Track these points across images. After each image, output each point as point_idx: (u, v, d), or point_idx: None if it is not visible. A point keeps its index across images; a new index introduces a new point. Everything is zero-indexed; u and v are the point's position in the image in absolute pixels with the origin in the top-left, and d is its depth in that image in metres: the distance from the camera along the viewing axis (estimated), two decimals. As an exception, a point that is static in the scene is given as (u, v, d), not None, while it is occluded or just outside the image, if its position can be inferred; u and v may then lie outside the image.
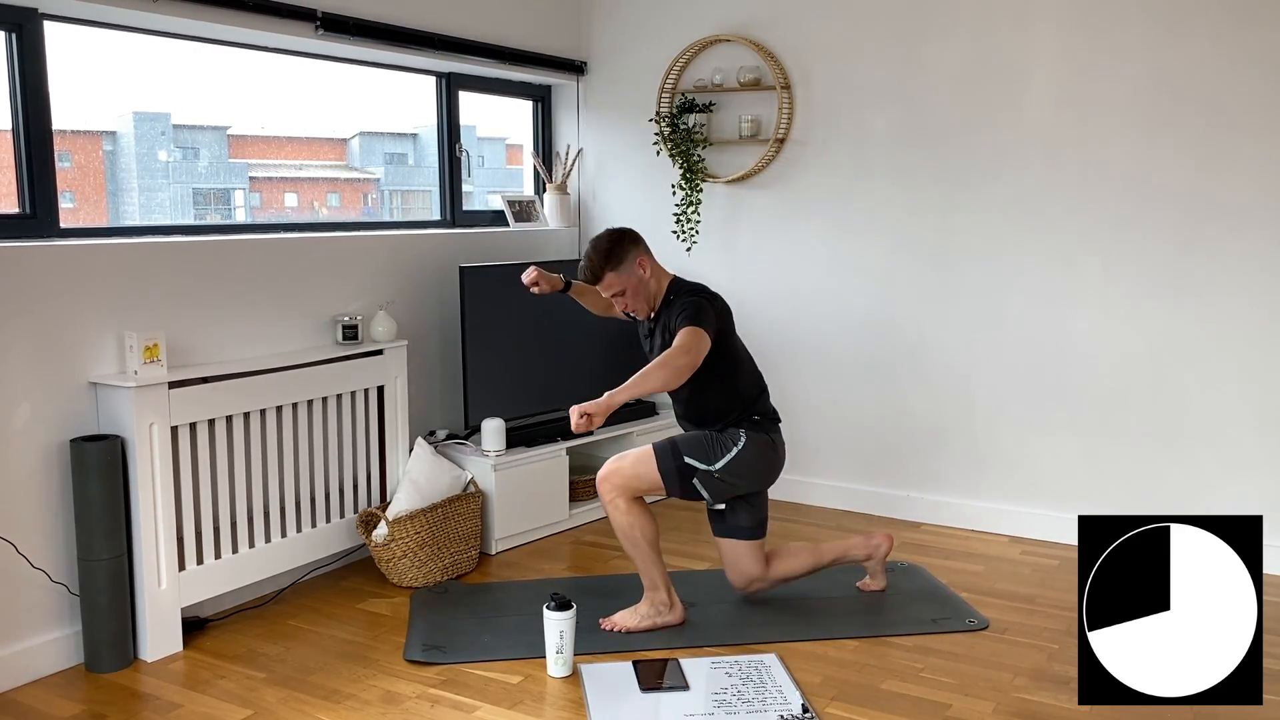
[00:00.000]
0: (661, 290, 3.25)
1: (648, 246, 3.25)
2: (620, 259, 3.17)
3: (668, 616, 3.23)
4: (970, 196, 4.14)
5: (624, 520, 3.16)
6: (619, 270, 3.17)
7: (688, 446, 3.20)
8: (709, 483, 3.20)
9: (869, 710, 2.76)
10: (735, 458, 3.19)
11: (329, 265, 3.78)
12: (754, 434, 3.23)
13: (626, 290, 3.20)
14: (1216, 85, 3.67)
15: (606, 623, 3.23)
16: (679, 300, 3.18)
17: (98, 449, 2.95)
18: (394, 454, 3.87)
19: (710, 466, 3.19)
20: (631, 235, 3.22)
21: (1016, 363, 4.12)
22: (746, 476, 3.24)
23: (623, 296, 3.22)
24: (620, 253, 3.17)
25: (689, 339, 3.03)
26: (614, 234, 3.21)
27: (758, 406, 3.30)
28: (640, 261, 3.19)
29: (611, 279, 3.18)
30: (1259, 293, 3.67)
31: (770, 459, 3.28)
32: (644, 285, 3.21)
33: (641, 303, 3.23)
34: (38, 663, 2.97)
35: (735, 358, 3.26)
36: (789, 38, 4.45)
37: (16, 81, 3.03)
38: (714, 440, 3.21)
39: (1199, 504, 3.81)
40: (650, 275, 3.22)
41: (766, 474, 3.30)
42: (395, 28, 3.96)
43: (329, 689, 2.90)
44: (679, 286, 3.25)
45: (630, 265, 3.18)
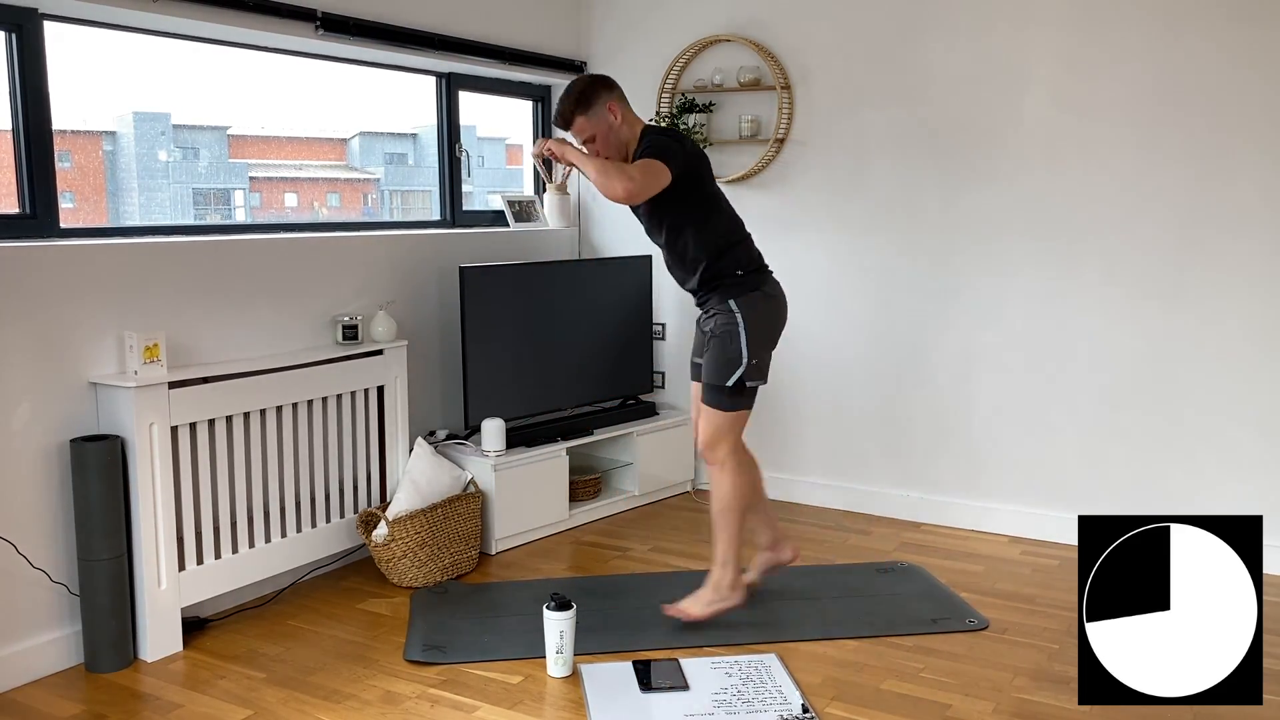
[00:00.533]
0: (635, 138, 3.18)
1: (623, 94, 3.19)
2: (589, 103, 3.12)
3: (732, 599, 3.23)
4: (970, 196, 4.14)
5: (734, 482, 3.16)
6: (588, 114, 3.12)
7: (717, 372, 3.15)
8: (753, 373, 3.16)
9: (869, 710, 2.76)
10: (748, 335, 3.14)
11: (329, 265, 3.78)
12: (741, 298, 3.16)
13: (597, 136, 3.14)
14: (1216, 86, 3.67)
15: (672, 610, 3.23)
16: (645, 140, 3.12)
17: (98, 449, 2.95)
18: (394, 454, 3.87)
19: (742, 366, 3.13)
20: (605, 80, 3.17)
21: (1016, 362, 4.12)
22: (766, 336, 3.20)
23: (593, 142, 3.16)
24: (590, 96, 3.12)
25: (640, 165, 2.99)
26: (587, 78, 3.17)
27: (738, 255, 3.20)
28: (610, 107, 3.14)
29: (581, 123, 3.13)
30: (1259, 293, 3.67)
31: (772, 310, 3.22)
32: (614, 131, 3.15)
33: (613, 150, 3.17)
34: (38, 663, 2.98)
35: (711, 200, 3.19)
36: (789, 38, 4.46)
37: (16, 81, 3.03)
38: (721, 345, 3.15)
39: (1199, 504, 3.81)
40: (621, 122, 3.15)
41: (776, 321, 3.25)
42: (395, 28, 3.96)
43: (329, 689, 2.90)
44: (651, 130, 3.18)
45: (600, 110, 3.12)
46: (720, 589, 3.23)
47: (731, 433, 3.20)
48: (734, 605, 3.25)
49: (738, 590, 3.24)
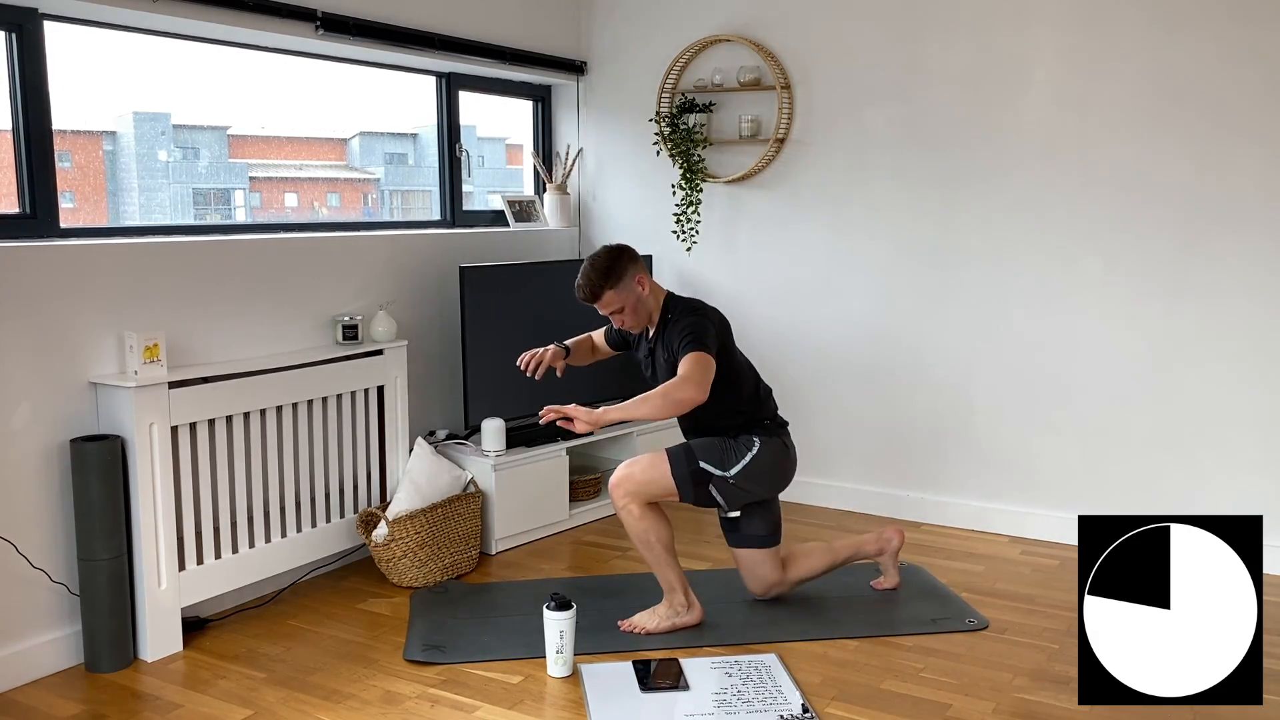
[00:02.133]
0: (658, 306, 3.24)
1: (643, 264, 3.24)
2: (620, 276, 3.15)
3: (686, 617, 3.23)
4: (970, 196, 4.14)
5: (638, 526, 3.15)
6: (618, 288, 3.16)
7: (703, 452, 3.19)
8: (724, 489, 3.19)
9: (869, 710, 2.76)
10: (750, 463, 3.19)
11: (329, 265, 3.78)
12: (767, 439, 3.23)
13: (625, 308, 3.19)
14: (1216, 85, 3.67)
15: (626, 624, 3.23)
16: (678, 320, 3.16)
17: (98, 449, 2.95)
18: (394, 454, 3.87)
19: (726, 472, 3.18)
20: (630, 253, 3.20)
21: (1017, 363, 4.12)
22: (761, 481, 3.23)
23: (620, 314, 3.20)
24: (619, 270, 3.15)
25: (694, 366, 3.01)
26: (612, 251, 3.19)
27: (764, 412, 3.29)
28: (639, 279, 3.18)
29: (610, 297, 3.16)
30: (1259, 293, 3.67)
31: (784, 463, 3.28)
32: (642, 303, 3.20)
33: (638, 319, 3.23)
34: (38, 663, 2.98)
35: (735, 370, 3.24)
36: (789, 38, 4.46)
37: (16, 81, 3.03)
38: (728, 445, 3.20)
39: (1199, 504, 3.81)
40: (648, 292, 3.20)
41: (780, 478, 3.29)
42: (395, 28, 3.96)
43: (329, 689, 2.90)
44: (675, 303, 3.23)
45: (629, 283, 3.17)
46: (674, 606, 3.24)
47: (648, 489, 3.15)
48: (690, 623, 3.24)
49: (694, 610, 3.25)
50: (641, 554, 3.22)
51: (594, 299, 3.18)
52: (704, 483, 3.18)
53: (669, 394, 2.99)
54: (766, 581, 3.37)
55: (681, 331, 3.11)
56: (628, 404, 3.02)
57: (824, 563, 3.44)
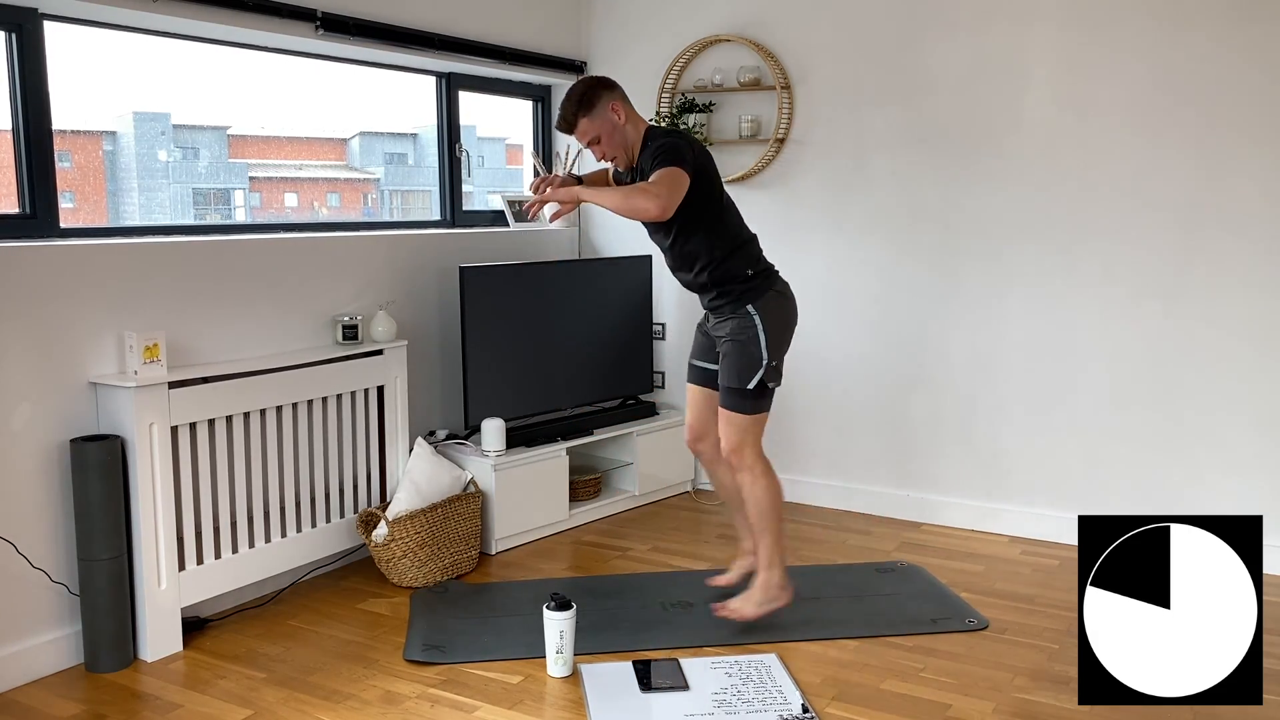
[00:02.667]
0: (639, 138, 3.16)
1: (624, 93, 3.17)
2: (592, 104, 3.09)
3: (783, 598, 3.24)
4: (970, 196, 4.14)
5: (769, 485, 3.16)
6: (591, 115, 3.10)
7: (738, 375, 3.14)
8: (772, 374, 3.16)
9: (869, 710, 2.76)
10: (767, 336, 3.14)
11: (329, 265, 3.78)
12: (759, 301, 3.16)
13: (601, 137, 3.12)
14: (1217, 84, 3.67)
15: (723, 610, 3.23)
16: (654, 143, 3.09)
17: (98, 449, 2.95)
18: (394, 454, 3.87)
19: (762, 368, 3.13)
20: (606, 81, 3.15)
21: (1016, 362, 4.12)
22: (782, 335, 3.19)
23: (599, 145, 3.14)
24: (593, 97, 3.10)
25: (660, 177, 2.95)
26: (588, 79, 3.14)
27: (747, 254, 3.20)
28: (614, 106, 3.12)
29: (585, 125, 3.10)
30: (1259, 292, 3.67)
31: (786, 307, 3.22)
32: (619, 131, 3.13)
33: (618, 149, 3.15)
34: (38, 663, 2.98)
35: (720, 201, 3.18)
36: (789, 38, 4.46)
37: (16, 81, 3.03)
38: (743, 343, 3.14)
39: (1199, 504, 3.81)
40: (625, 121, 3.13)
41: (790, 320, 3.24)
42: (395, 28, 3.96)
43: (329, 689, 2.90)
44: (654, 131, 3.16)
45: (603, 110, 3.10)
46: (770, 589, 3.23)
47: (756, 435, 3.19)
48: (783, 604, 3.24)
49: (786, 590, 3.24)
50: (758, 521, 3.18)
51: (569, 127, 3.12)
52: (763, 391, 3.15)
53: (630, 196, 2.94)
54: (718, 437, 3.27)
55: (655, 151, 3.04)
56: (604, 191, 2.99)
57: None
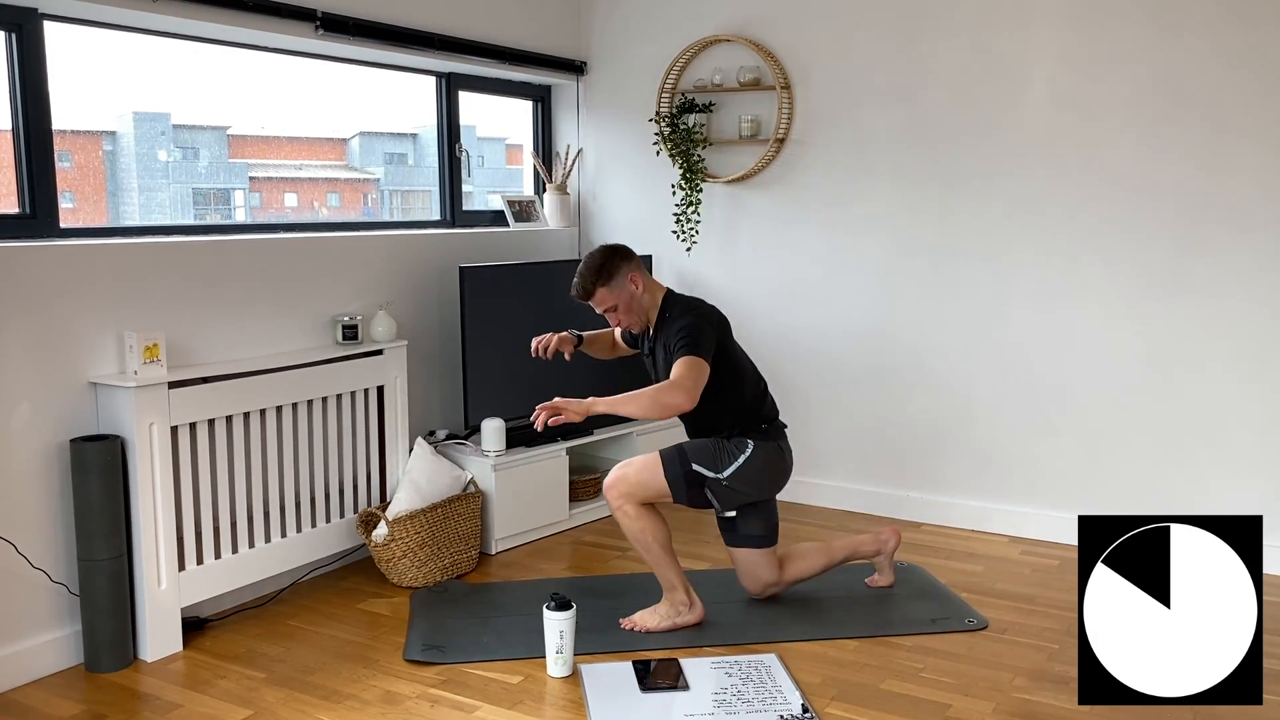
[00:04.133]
0: (656, 304, 3.23)
1: (640, 262, 3.24)
2: (611, 274, 3.16)
3: (688, 616, 3.23)
4: (970, 196, 4.14)
5: (634, 526, 3.16)
6: (610, 286, 3.16)
7: (695, 454, 3.19)
8: (718, 490, 3.20)
9: (869, 710, 2.76)
10: (743, 465, 3.19)
11: (329, 265, 3.78)
12: (761, 441, 3.23)
13: (619, 306, 3.19)
14: (1216, 85, 3.67)
15: (626, 622, 3.23)
16: (676, 319, 3.15)
17: (98, 449, 2.95)
18: (394, 454, 3.87)
19: (719, 474, 3.18)
20: (623, 251, 3.21)
21: (1017, 362, 4.12)
22: (755, 483, 3.23)
23: (615, 312, 3.20)
24: (611, 268, 3.16)
25: (686, 371, 3.01)
26: (606, 250, 3.20)
27: (763, 414, 3.29)
28: (632, 277, 3.18)
29: (604, 294, 3.17)
30: (1259, 292, 3.67)
31: (779, 465, 3.28)
32: (636, 300, 3.20)
33: (635, 318, 3.23)
34: (38, 663, 2.98)
35: (736, 369, 3.24)
36: (789, 38, 4.46)
37: (16, 81, 3.03)
38: (721, 447, 3.21)
39: (1199, 504, 3.81)
40: (643, 290, 3.20)
41: (775, 481, 3.30)
42: (395, 28, 3.96)
43: (329, 689, 2.90)
44: (674, 301, 3.23)
45: (622, 281, 3.17)
46: (675, 605, 3.24)
47: (646, 494, 3.17)
48: (691, 622, 3.24)
49: (695, 609, 3.25)
50: (640, 554, 3.22)
51: (587, 296, 3.18)
52: (698, 484, 3.18)
53: (658, 397, 2.98)
54: (763, 581, 3.37)
55: (678, 333, 3.10)
56: (617, 398, 3.01)
57: (820, 562, 3.45)
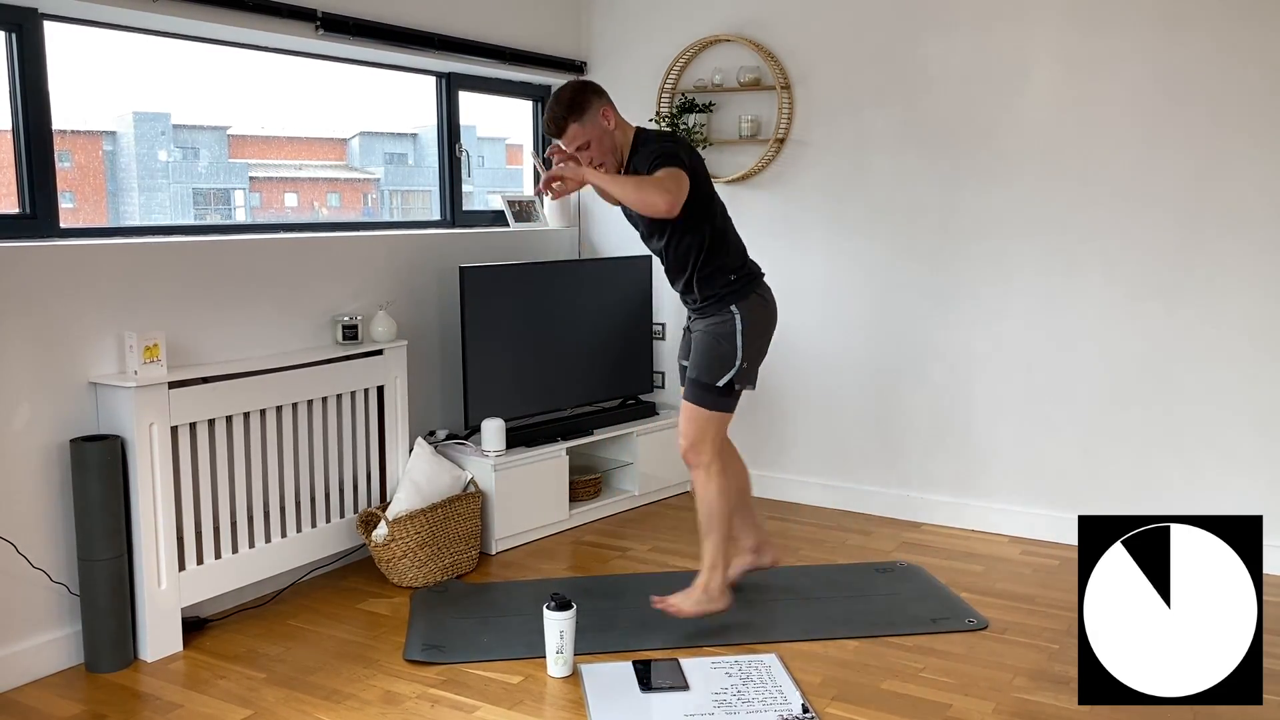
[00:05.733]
0: (628, 142, 3.16)
1: (610, 98, 3.17)
2: (583, 109, 3.08)
3: (719, 604, 3.22)
4: (970, 196, 4.14)
5: (721, 486, 3.14)
6: (582, 120, 3.08)
7: (708, 370, 3.15)
8: (743, 376, 3.17)
9: (869, 710, 2.76)
10: (743, 337, 3.15)
11: (329, 265, 3.78)
12: (740, 302, 3.17)
13: (591, 142, 3.10)
14: (1217, 85, 3.67)
15: (660, 602, 3.22)
16: (648, 146, 3.10)
17: (98, 449, 2.95)
18: (394, 454, 3.87)
19: (735, 366, 3.14)
20: (594, 86, 3.14)
21: (1017, 362, 4.12)
22: (760, 340, 3.20)
23: (587, 149, 3.12)
24: (583, 102, 3.09)
25: (667, 175, 2.95)
26: (576, 84, 3.13)
27: (734, 256, 3.21)
28: (604, 112, 3.11)
29: (575, 130, 3.09)
30: (1259, 292, 3.67)
31: (766, 313, 3.23)
32: (608, 136, 3.12)
33: (608, 155, 3.14)
34: (38, 663, 2.98)
35: (711, 201, 3.17)
36: (789, 38, 4.46)
37: (16, 81, 3.03)
38: (716, 341, 3.15)
39: (1199, 504, 3.81)
40: (615, 126, 3.13)
41: (770, 326, 3.25)
42: (395, 28, 3.96)
43: (329, 689, 2.90)
44: (645, 135, 3.16)
45: (593, 115, 3.09)
46: (709, 591, 3.22)
47: (717, 433, 3.19)
48: (720, 609, 3.24)
49: (725, 595, 3.24)
50: (706, 527, 3.18)
51: (559, 132, 3.11)
52: (730, 391, 3.16)
53: (642, 187, 2.92)
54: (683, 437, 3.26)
55: (652, 153, 3.04)
56: (607, 175, 3.01)
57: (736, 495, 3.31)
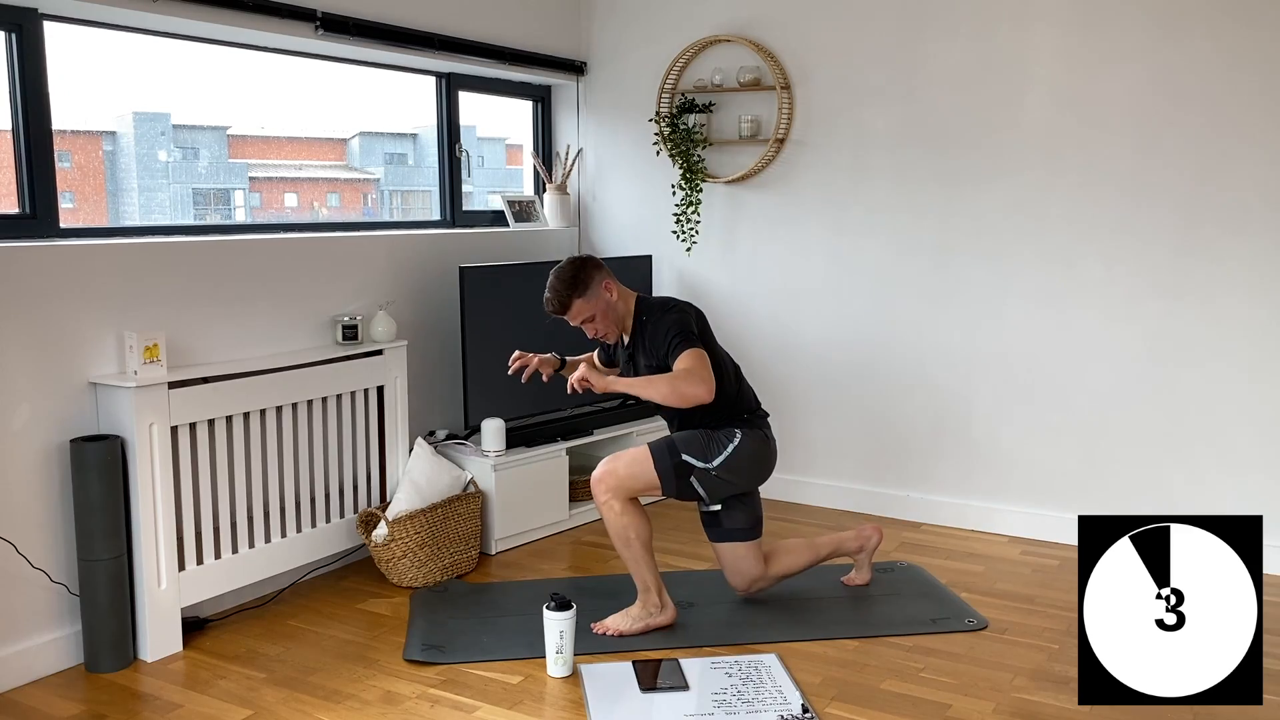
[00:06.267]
0: (630, 311, 3.23)
1: (609, 270, 3.24)
2: (586, 284, 3.15)
3: (660, 618, 3.23)
4: (970, 196, 4.14)
5: (619, 522, 3.15)
6: (586, 296, 3.15)
7: (684, 445, 3.20)
8: (706, 481, 3.20)
9: (869, 710, 2.76)
10: (732, 454, 3.19)
11: (329, 265, 3.78)
12: (748, 430, 3.24)
13: (596, 315, 3.18)
14: (1216, 85, 3.67)
15: (599, 627, 3.22)
16: (656, 319, 3.16)
17: (98, 449, 2.95)
18: (394, 454, 3.87)
19: (708, 464, 3.18)
20: (593, 261, 3.20)
21: (1016, 362, 4.12)
22: (743, 472, 3.24)
23: (592, 323, 3.19)
24: (585, 278, 3.15)
25: (696, 363, 3.03)
26: (575, 261, 3.19)
27: (746, 404, 3.30)
28: (606, 285, 3.18)
29: (580, 306, 3.16)
30: (1259, 293, 3.67)
31: (765, 454, 3.28)
32: (612, 308, 3.20)
33: (611, 326, 3.22)
34: (38, 663, 2.98)
35: (719, 362, 3.23)
36: (789, 38, 4.46)
37: (16, 81, 3.03)
38: (710, 438, 3.21)
39: (1199, 504, 3.81)
40: (617, 297, 3.20)
41: (762, 470, 3.30)
42: (395, 28, 3.96)
43: (329, 689, 2.90)
44: (647, 304, 3.23)
45: (596, 289, 3.16)
46: (648, 607, 3.24)
47: (636, 488, 3.16)
48: (664, 623, 3.24)
49: (667, 611, 3.25)
50: (619, 551, 3.21)
51: (563, 310, 3.17)
52: (686, 475, 3.18)
53: (677, 385, 3.01)
54: (748, 576, 3.37)
55: (666, 331, 3.11)
56: (637, 380, 3.07)
57: (806, 558, 3.45)
